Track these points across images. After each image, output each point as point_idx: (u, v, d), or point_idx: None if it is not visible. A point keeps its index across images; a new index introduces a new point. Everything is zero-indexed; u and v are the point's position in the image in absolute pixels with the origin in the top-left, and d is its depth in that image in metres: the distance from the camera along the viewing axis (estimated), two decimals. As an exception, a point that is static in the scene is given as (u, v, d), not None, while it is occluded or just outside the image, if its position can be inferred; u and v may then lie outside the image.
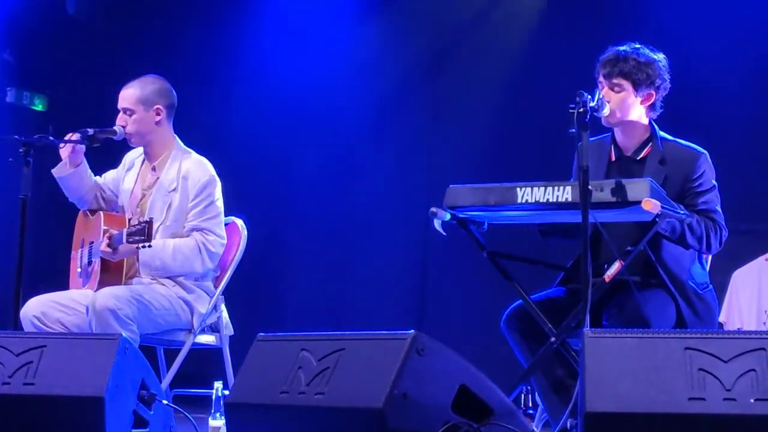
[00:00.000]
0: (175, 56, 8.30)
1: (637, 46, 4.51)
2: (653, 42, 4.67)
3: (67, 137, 5.13)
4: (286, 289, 7.98)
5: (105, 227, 5.08)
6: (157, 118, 5.21)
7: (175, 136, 5.31)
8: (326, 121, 8.00)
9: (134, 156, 5.38)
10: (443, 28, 7.83)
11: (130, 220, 5.12)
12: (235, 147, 7.83)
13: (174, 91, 5.32)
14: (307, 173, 8.01)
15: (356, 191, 7.86)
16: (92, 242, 5.20)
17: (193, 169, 5.19)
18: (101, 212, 5.25)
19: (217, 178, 5.23)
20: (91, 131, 5.08)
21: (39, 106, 8.60)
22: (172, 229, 5.13)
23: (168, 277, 5.09)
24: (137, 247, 4.86)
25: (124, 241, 4.85)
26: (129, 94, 5.22)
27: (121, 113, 5.22)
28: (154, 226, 4.89)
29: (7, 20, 8.23)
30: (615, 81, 4.44)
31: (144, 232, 4.77)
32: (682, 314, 4.35)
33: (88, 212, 5.37)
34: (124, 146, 5.34)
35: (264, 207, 7.53)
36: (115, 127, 5.18)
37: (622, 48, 4.50)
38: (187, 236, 5.10)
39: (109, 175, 5.40)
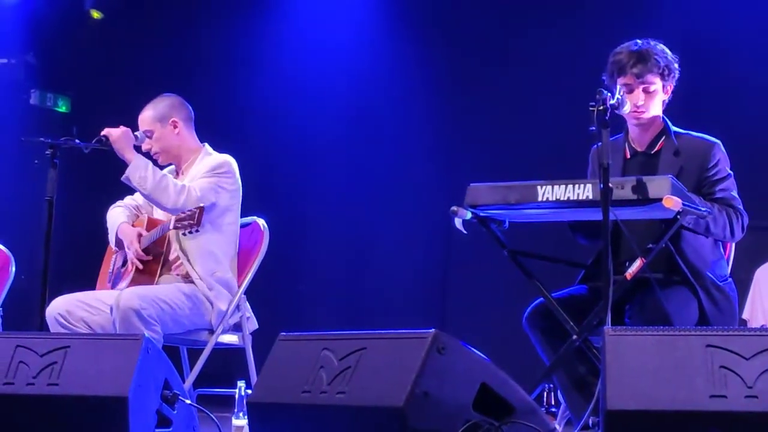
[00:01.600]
0: (197, 57, 8.34)
1: (640, 41, 4.49)
2: (673, 36, 4.66)
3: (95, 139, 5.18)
4: (308, 289, 7.99)
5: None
6: (176, 131, 5.29)
7: (204, 144, 5.37)
8: (346, 121, 8.01)
9: (167, 171, 5.44)
10: (464, 27, 7.82)
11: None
12: (256, 146, 7.85)
13: (187, 104, 5.38)
14: (328, 172, 8.02)
15: (377, 191, 7.86)
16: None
17: (210, 159, 5.27)
18: (146, 215, 5.33)
19: (234, 167, 5.25)
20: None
21: (62, 108, 8.65)
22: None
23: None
24: (184, 233, 4.96)
25: (171, 226, 4.94)
26: (144, 117, 5.33)
27: (146, 139, 5.30)
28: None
29: (29, 23, 8.28)
30: (647, 80, 4.42)
31: (194, 217, 4.86)
32: (704, 310, 4.34)
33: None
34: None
35: (285, 207, 7.55)
36: (137, 133, 5.23)
37: (635, 48, 4.47)
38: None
39: None
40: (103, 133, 5.10)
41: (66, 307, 5.01)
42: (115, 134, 5.08)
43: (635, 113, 4.43)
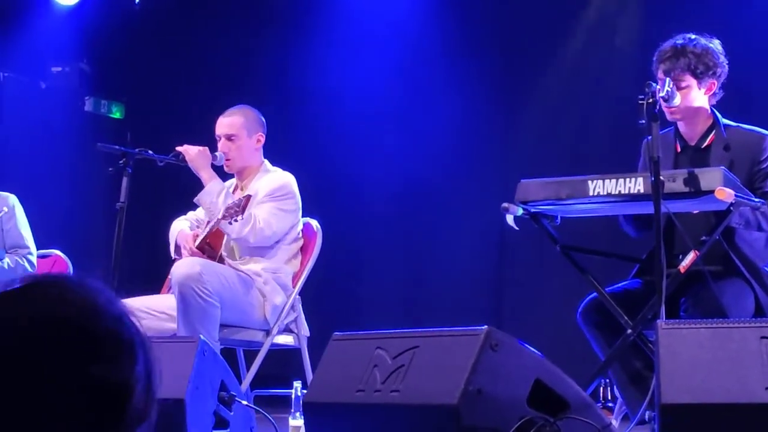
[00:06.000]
0: (249, 61, 8.38)
1: (692, 36, 4.45)
2: (722, 32, 4.62)
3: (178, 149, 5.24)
4: (363, 288, 8.00)
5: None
6: (258, 145, 5.33)
7: (265, 160, 5.40)
8: (399, 120, 8.01)
9: (227, 185, 5.47)
10: (514, 23, 7.80)
11: None
12: (310, 148, 7.88)
13: None
14: (380, 172, 8.02)
15: (430, 190, 7.85)
16: None
17: (270, 178, 5.29)
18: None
19: (293, 186, 5.27)
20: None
21: (116, 114, 8.75)
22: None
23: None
24: (231, 221, 4.96)
25: (220, 216, 4.97)
26: (233, 121, 5.33)
27: (223, 140, 5.32)
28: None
29: (83, 30, 8.37)
30: (677, 77, 4.39)
31: (240, 205, 4.89)
32: (760, 302, 4.30)
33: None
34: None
35: (339, 207, 7.57)
36: (216, 153, 5.27)
37: (678, 41, 4.44)
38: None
39: None
40: (178, 148, 5.18)
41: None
42: (192, 152, 5.15)
43: (667, 109, 4.39)
